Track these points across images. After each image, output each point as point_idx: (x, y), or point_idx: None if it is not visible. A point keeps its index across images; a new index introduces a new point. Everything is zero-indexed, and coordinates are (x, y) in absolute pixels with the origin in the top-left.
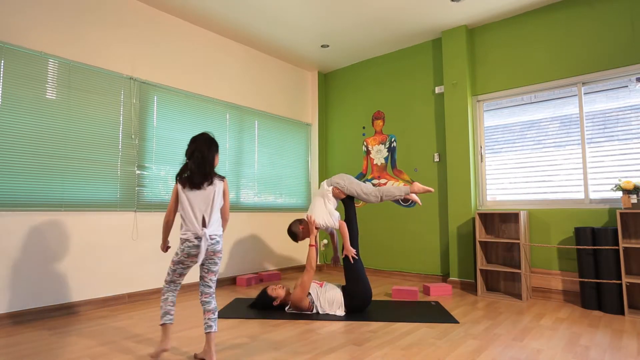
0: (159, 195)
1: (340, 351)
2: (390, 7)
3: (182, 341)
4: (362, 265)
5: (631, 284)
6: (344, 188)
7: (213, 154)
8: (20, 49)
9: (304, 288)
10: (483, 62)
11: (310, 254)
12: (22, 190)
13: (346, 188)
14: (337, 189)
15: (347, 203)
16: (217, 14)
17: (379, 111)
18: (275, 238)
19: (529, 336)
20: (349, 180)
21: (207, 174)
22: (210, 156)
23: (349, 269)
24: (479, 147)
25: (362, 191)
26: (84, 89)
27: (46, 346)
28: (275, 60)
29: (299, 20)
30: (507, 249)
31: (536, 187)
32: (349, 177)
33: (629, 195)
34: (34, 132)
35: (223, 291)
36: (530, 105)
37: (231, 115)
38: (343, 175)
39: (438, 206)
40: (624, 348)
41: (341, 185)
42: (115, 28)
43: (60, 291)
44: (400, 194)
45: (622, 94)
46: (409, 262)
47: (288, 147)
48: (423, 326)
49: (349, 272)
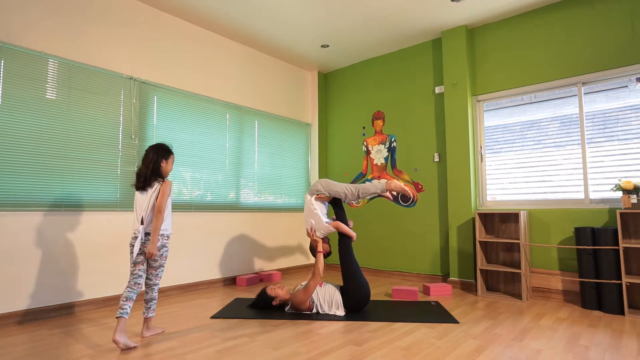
0: None
1: (340, 351)
2: (390, 7)
3: (182, 341)
4: (357, 264)
5: (631, 284)
6: (326, 192)
7: (159, 159)
8: (20, 49)
9: (307, 293)
10: (483, 62)
11: (318, 261)
12: (22, 190)
13: (327, 191)
14: (319, 195)
15: (336, 203)
16: (217, 14)
17: (379, 111)
18: (275, 238)
19: (529, 336)
20: (326, 183)
21: (146, 178)
22: (154, 162)
23: (346, 267)
24: (479, 147)
25: (342, 190)
26: (84, 89)
27: (46, 346)
28: (275, 60)
29: (299, 20)
30: (507, 249)
31: (536, 187)
32: (326, 181)
33: (629, 195)
34: (34, 132)
35: (223, 291)
36: (530, 105)
37: (231, 115)
38: (320, 180)
39: (438, 206)
40: (624, 348)
41: (322, 191)
42: (115, 28)
43: (60, 291)
44: (376, 191)
45: (622, 94)
46: (409, 262)
47: (288, 147)
48: (423, 326)
49: (345, 270)
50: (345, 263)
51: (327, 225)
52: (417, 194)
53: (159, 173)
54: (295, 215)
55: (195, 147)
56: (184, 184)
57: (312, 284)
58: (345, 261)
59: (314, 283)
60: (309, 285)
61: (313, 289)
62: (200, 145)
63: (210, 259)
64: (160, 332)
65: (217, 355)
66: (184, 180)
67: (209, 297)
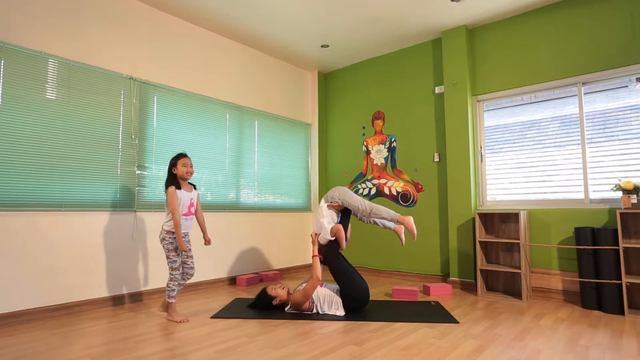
0: (159, 196)
1: (340, 351)
2: (390, 7)
3: (182, 340)
4: (349, 267)
5: (631, 284)
6: (340, 201)
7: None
8: (20, 49)
9: (306, 295)
10: (483, 62)
11: (315, 265)
12: (22, 190)
13: (342, 201)
14: (332, 204)
15: (344, 212)
16: (217, 14)
17: (379, 111)
18: (275, 238)
19: (529, 336)
20: (342, 192)
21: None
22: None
23: (336, 275)
24: (479, 147)
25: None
26: (84, 89)
27: (46, 346)
28: (275, 60)
29: (299, 20)
30: (507, 249)
31: (536, 187)
32: (343, 190)
33: (629, 195)
34: (34, 132)
35: (223, 291)
36: (530, 105)
37: (231, 115)
38: (338, 188)
39: (438, 206)
40: (624, 348)
41: (336, 199)
42: (115, 28)
43: (60, 291)
44: (388, 217)
45: (622, 94)
46: (409, 262)
47: (288, 147)
48: (423, 326)
49: (337, 275)
50: (335, 271)
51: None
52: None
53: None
54: (295, 215)
55: (195, 147)
56: None
57: (310, 287)
58: (335, 268)
59: (311, 286)
60: (307, 288)
61: (311, 292)
62: (200, 145)
63: (210, 259)
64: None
65: (217, 355)
66: None
67: (209, 297)
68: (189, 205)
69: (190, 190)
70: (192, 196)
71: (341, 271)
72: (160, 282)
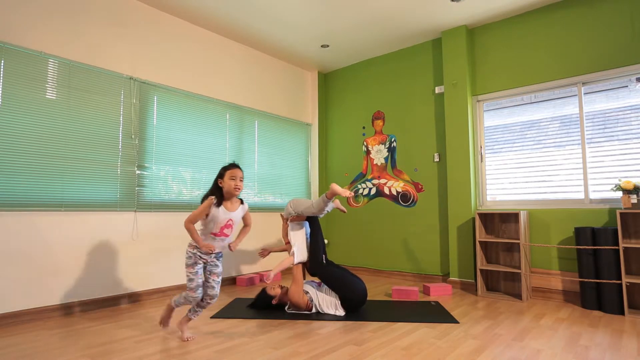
0: (159, 195)
1: (340, 351)
2: (390, 7)
3: (181, 341)
4: (339, 268)
5: (631, 284)
6: (295, 213)
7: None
8: (20, 49)
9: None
10: (483, 62)
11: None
12: (22, 190)
13: (296, 211)
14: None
15: (311, 222)
16: (217, 14)
17: (379, 111)
18: (275, 238)
19: (529, 336)
20: (294, 204)
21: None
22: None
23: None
24: (479, 147)
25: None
26: (84, 89)
27: (46, 346)
28: (275, 60)
29: (299, 20)
30: (507, 249)
31: (536, 187)
32: (294, 202)
33: (629, 195)
34: (34, 132)
35: (223, 291)
36: (530, 105)
37: (231, 115)
38: (290, 202)
39: (438, 206)
40: (624, 348)
41: (292, 212)
42: (115, 28)
43: (60, 291)
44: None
45: (622, 94)
46: (409, 262)
47: (288, 147)
48: (423, 326)
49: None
50: (325, 279)
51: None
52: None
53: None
54: None
55: (195, 147)
56: (184, 183)
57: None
58: (324, 277)
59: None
60: (291, 289)
61: (295, 294)
62: (200, 145)
63: None
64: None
65: (217, 355)
66: (184, 180)
67: None
68: (223, 225)
69: (235, 208)
70: (233, 216)
71: (331, 277)
72: (160, 283)
